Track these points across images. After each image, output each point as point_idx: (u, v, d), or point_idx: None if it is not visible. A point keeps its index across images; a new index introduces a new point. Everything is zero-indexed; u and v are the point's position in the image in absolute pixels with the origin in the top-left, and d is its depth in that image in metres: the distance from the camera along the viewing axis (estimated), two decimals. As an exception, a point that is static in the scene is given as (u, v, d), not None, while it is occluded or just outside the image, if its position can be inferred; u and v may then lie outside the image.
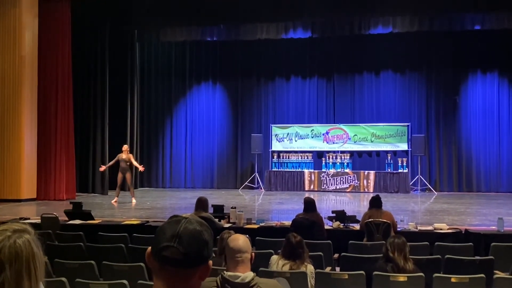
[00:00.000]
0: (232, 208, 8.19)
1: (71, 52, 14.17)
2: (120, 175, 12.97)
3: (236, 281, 2.87)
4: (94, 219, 8.47)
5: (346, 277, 4.77)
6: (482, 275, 4.78)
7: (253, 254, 3.09)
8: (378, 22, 14.83)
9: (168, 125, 17.79)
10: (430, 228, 7.70)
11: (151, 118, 17.69)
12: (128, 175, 12.95)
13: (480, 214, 11.03)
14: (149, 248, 1.43)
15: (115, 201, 12.89)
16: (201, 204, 6.98)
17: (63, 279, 4.34)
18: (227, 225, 7.52)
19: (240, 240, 3.07)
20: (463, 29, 15.07)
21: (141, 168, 13.31)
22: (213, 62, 17.46)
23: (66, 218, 8.43)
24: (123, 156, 12.90)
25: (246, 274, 2.90)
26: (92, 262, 5.14)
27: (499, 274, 5.15)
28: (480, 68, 16.14)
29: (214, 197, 13.29)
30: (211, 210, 8.10)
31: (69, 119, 14.16)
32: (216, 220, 7.42)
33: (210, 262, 1.43)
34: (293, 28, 15.35)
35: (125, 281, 4.33)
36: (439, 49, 15.89)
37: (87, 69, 15.27)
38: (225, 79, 17.58)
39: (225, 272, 2.96)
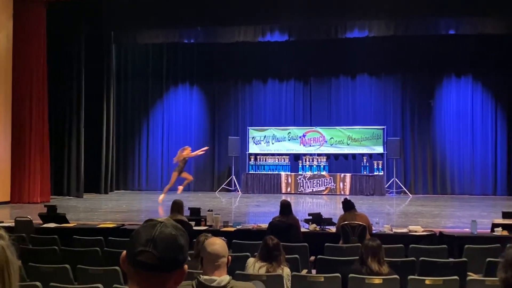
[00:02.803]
0: (208, 211, 8.17)
1: (47, 53, 14.00)
2: (176, 174, 13.42)
3: (212, 285, 2.87)
4: (69, 223, 8.37)
5: (322, 279, 4.80)
6: (456, 277, 4.86)
7: (229, 257, 3.09)
8: (355, 26, 14.96)
9: (145, 127, 17.68)
10: (405, 230, 7.79)
11: (127, 120, 17.56)
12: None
13: (454, 216, 11.19)
14: (124, 252, 1.42)
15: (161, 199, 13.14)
16: (177, 207, 6.95)
17: (37, 283, 4.29)
18: (203, 228, 7.50)
19: (217, 245, 3.07)
20: (438, 34, 15.30)
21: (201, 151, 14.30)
22: (190, 64, 17.42)
23: (41, 222, 8.32)
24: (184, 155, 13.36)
25: (222, 278, 2.90)
26: (67, 266, 5.08)
27: (472, 276, 5.23)
28: (454, 72, 16.39)
29: (191, 200, 13.25)
30: (187, 212, 8.08)
31: (44, 121, 13.98)
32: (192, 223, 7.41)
33: (186, 266, 1.43)
34: (270, 31, 15.39)
35: (100, 285, 4.29)
36: (414, 53, 16.09)
37: (62, 71, 15.08)
38: (202, 81, 17.54)
39: (201, 275, 2.96)
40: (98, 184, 15.88)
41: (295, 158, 16.80)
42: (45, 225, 8.12)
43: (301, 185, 16.03)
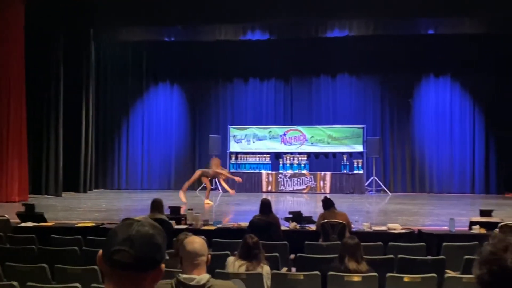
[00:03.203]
0: (189, 209, 8.15)
1: (24, 51, 13.80)
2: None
3: (191, 283, 2.87)
4: (47, 221, 8.28)
5: (302, 277, 4.81)
6: (434, 274, 4.91)
7: (209, 256, 3.08)
8: (335, 25, 15.02)
9: (125, 126, 17.55)
10: (384, 228, 7.85)
11: (106, 119, 17.41)
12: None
13: (432, 214, 11.31)
14: (101, 251, 1.41)
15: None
16: (156, 205, 6.92)
17: (14, 283, 4.24)
18: (184, 227, 7.48)
19: (197, 243, 3.06)
20: (417, 33, 15.45)
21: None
22: (171, 62, 17.32)
23: (18, 220, 8.22)
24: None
25: (201, 277, 2.90)
26: (45, 265, 5.02)
27: (450, 273, 5.28)
28: (433, 72, 16.55)
29: (172, 199, 13.17)
30: (167, 211, 8.04)
31: (21, 119, 13.79)
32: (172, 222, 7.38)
33: (163, 265, 1.42)
34: (252, 30, 15.39)
35: (78, 285, 4.25)
36: (394, 52, 16.20)
37: (41, 69, 14.90)
38: (183, 80, 17.47)
39: (180, 274, 2.95)
40: (77, 183, 15.72)
41: (276, 156, 16.83)
42: (23, 224, 8.02)
43: (282, 183, 16.06)
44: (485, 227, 7.40)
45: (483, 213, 8.18)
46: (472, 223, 7.61)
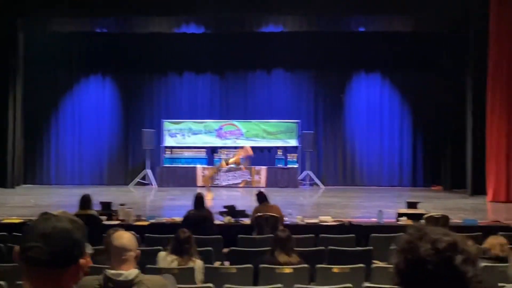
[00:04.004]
0: (120, 205, 8.02)
1: None
2: None
3: (119, 279, 2.83)
4: (-30, 218, 7.92)
5: (234, 270, 4.85)
6: (362, 264, 5.06)
7: (138, 251, 3.05)
8: (269, 20, 15.12)
9: (54, 119, 16.98)
10: (316, 221, 8.02)
11: (36, 112, 16.74)
12: None
13: (362, 207, 11.65)
14: (17, 247, 1.37)
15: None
16: (85, 201, 6.78)
17: None
18: (115, 222, 7.34)
19: (125, 238, 3.02)
20: (348, 31, 15.79)
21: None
22: (103, 54, 16.85)
23: None
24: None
25: (129, 272, 2.86)
26: (-34, 264, 4.81)
27: (377, 263, 5.46)
28: (364, 68, 16.97)
29: (103, 194, 12.86)
30: (98, 207, 7.88)
31: None
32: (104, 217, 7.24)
33: (82, 261, 1.39)
34: (186, 23, 15.24)
35: (2, 282, 4.10)
36: (327, 49, 16.48)
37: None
38: (115, 72, 17.07)
39: (108, 270, 2.90)
40: (4, 178, 15.07)
41: (212, 151, 16.78)
42: None
43: (217, 178, 16.04)
44: (412, 218, 7.70)
45: (410, 205, 8.50)
46: (399, 215, 7.90)
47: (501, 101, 12.68)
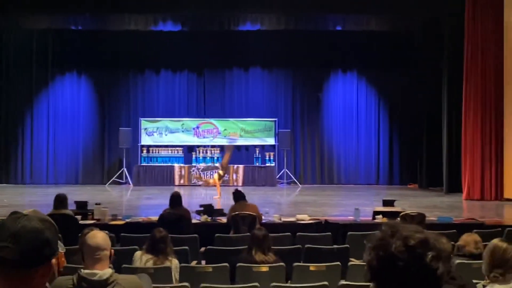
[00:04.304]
0: (96, 204, 7.94)
1: None
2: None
3: (93, 278, 2.80)
4: None
5: (211, 270, 4.83)
6: (338, 262, 5.09)
7: (112, 251, 3.02)
8: (247, 18, 15.10)
9: (29, 118, 16.72)
10: (293, 219, 8.04)
11: (9, 110, 16.49)
12: None
13: (339, 205, 11.72)
14: (-15, 247, 1.34)
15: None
16: (60, 200, 6.70)
17: None
18: (90, 222, 7.27)
19: (99, 238, 2.99)
20: (326, 29, 15.86)
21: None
22: (78, 52, 16.63)
23: None
24: None
25: (104, 271, 2.83)
26: None
27: (354, 261, 5.49)
28: (341, 67, 17.07)
29: (79, 193, 12.74)
30: (73, 206, 7.79)
31: None
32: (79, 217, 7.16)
33: (53, 261, 1.37)
34: (163, 20, 15.12)
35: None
36: (304, 47, 16.52)
37: None
38: (91, 70, 16.88)
39: (82, 270, 2.87)
40: (-23, 178, 14.85)
41: (189, 149, 16.72)
42: None
43: (195, 176, 15.98)
44: (388, 216, 7.75)
45: (386, 203, 8.58)
46: (376, 213, 7.95)
47: (476, 99, 12.85)
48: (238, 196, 7.58)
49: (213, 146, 16.63)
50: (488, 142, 12.80)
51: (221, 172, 13.53)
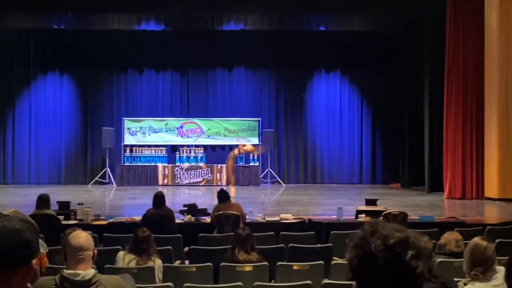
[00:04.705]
0: (79, 204, 7.89)
1: None
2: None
3: (76, 279, 2.79)
4: None
5: (194, 269, 4.83)
6: (321, 261, 5.12)
7: (95, 251, 3.01)
8: (231, 18, 15.11)
9: (10, 117, 16.55)
10: (276, 218, 8.06)
11: (-10, 109, 16.33)
12: None
13: (323, 204, 11.78)
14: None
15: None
16: (43, 201, 6.65)
17: None
18: (73, 222, 7.22)
19: (81, 238, 2.98)
20: (309, 30, 15.93)
21: None
22: (61, 51, 16.51)
23: None
24: None
25: (87, 272, 2.83)
26: None
27: (337, 260, 5.52)
28: (324, 67, 17.14)
29: (61, 193, 12.66)
30: (56, 207, 7.74)
31: None
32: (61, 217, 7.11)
33: (34, 261, 1.36)
34: (146, 20, 15.07)
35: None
36: (288, 47, 16.57)
37: None
38: (73, 69, 16.76)
39: (64, 270, 2.86)
40: (-43, 178, 14.66)
41: (172, 149, 16.67)
42: None
43: (178, 176, 15.96)
44: (370, 215, 7.80)
45: (369, 202, 8.64)
46: (359, 212, 8.00)
47: (457, 99, 12.99)
48: (223, 196, 7.57)
49: (196, 146, 16.60)
50: (469, 142, 12.95)
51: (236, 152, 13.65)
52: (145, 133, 16.64)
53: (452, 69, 13.02)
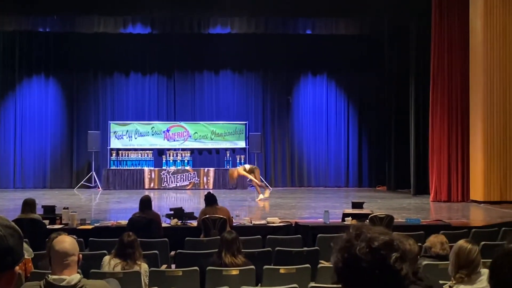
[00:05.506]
0: (64, 208, 7.83)
1: None
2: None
3: (61, 284, 2.77)
4: None
5: (180, 273, 4.81)
6: (308, 265, 5.12)
7: (80, 255, 2.99)
8: (217, 21, 15.12)
9: (-5, 121, 16.40)
10: (263, 222, 8.06)
11: (-26, 113, 16.16)
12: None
13: (309, 207, 11.79)
14: None
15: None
16: (28, 205, 6.59)
17: None
18: (58, 227, 7.17)
19: (66, 243, 2.95)
20: (295, 33, 15.97)
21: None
22: (46, 54, 16.41)
23: None
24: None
25: (72, 277, 2.81)
26: None
27: (323, 263, 5.53)
28: (310, 70, 17.19)
29: (47, 198, 12.58)
30: (41, 211, 7.67)
31: None
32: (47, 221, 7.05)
33: (17, 268, 1.35)
34: (132, 23, 15.03)
35: None
36: (274, 51, 16.61)
37: None
38: (59, 73, 16.64)
39: (49, 275, 2.84)
40: None
41: (159, 153, 16.61)
42: None
43: (165, 180, 15.90)
44: (357, 218, 7.83)
45: (355, 205, 8.67)
46: (345, 215, 8.03)
47: (443, 102, 13.08)
48: (210, 199, 7.56)
49: (183, 149, 16.56)
50: (455, 145, 13.05)
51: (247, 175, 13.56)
52: (131, 137, 16.56)
53: (437, 72, 13.11)
